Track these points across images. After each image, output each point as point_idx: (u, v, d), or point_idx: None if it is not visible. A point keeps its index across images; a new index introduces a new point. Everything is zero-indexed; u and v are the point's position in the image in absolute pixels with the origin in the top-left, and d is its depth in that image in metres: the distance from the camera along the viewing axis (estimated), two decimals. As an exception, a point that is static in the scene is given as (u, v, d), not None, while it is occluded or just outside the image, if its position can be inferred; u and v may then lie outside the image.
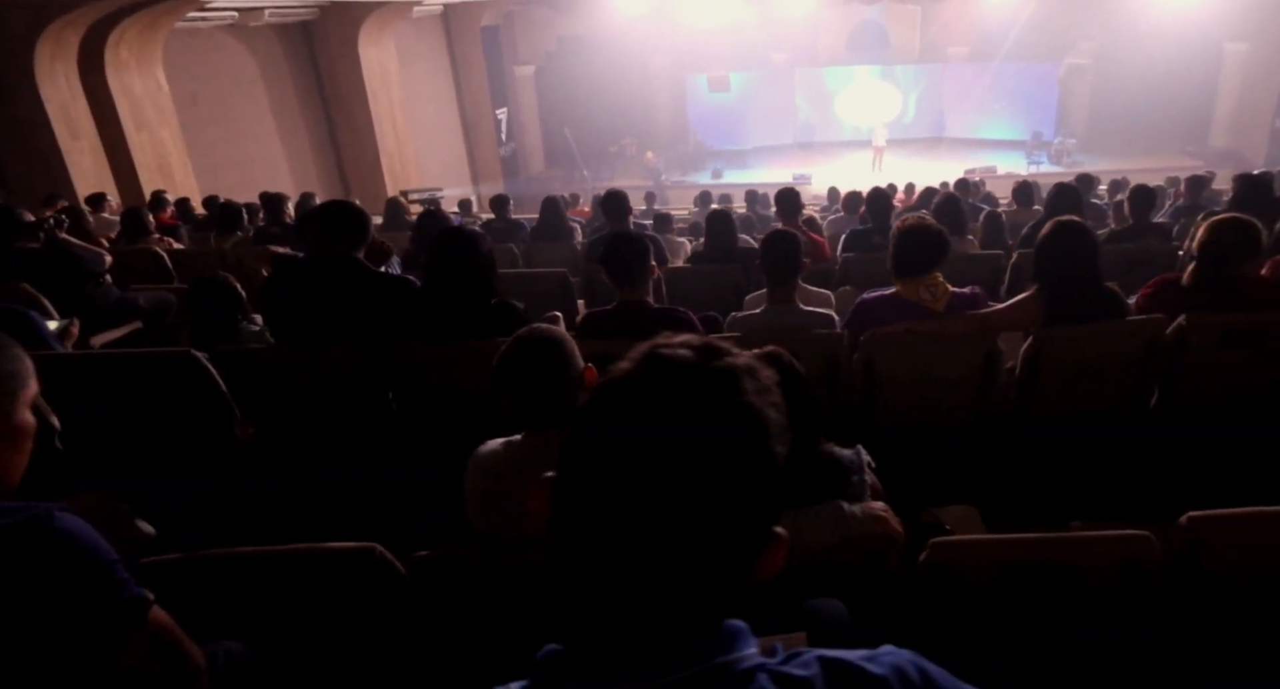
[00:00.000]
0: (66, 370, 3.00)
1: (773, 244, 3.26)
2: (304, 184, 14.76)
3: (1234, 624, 2.10)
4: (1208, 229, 3.33)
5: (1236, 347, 3.29)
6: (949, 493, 3.08)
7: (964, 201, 5.51)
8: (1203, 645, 2.05)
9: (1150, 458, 3.39)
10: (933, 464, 3.30)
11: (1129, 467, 3.36)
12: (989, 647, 2.01)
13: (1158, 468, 3.37)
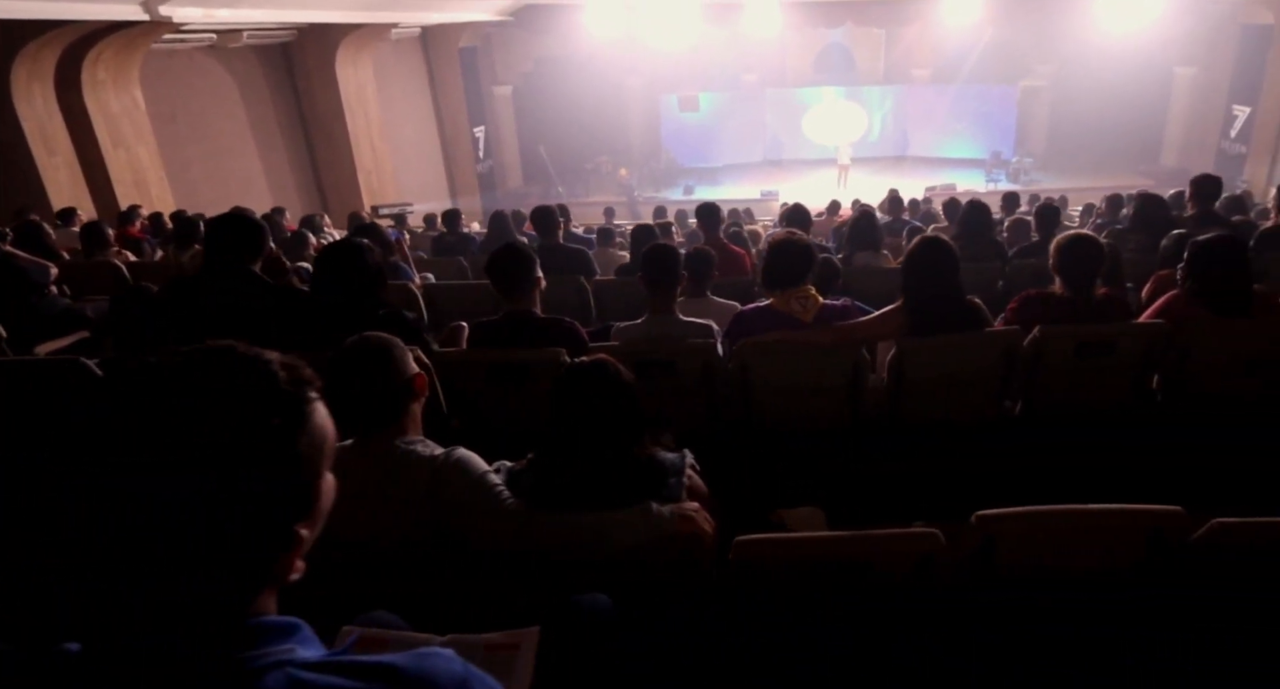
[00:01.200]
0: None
1: (649, 257, 3.34)
2: (283, 200, 14.81)
3: (1021, 617, 2.19)
4: (1057, 247, 3.45)
5: (1090, 357, 3.39)
6: (813, 494, 3.16)
7: (877, 218, 5.59)
8: (987, 637, 2.14)
9: (1009, 463, 3.50)
10: (805, 467, 3.40)
11: (988, 471, 3.47)
12: (787, 639, 2.09)
13: (1015, 472, 3.47)
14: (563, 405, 2.06)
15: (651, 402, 3.40)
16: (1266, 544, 2.09)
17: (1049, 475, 3.44)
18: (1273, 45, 18.35)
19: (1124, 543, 2.16)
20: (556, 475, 2.02)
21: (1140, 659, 2.13)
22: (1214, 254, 3.37)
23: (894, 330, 3.32)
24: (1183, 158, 20.95)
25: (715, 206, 5.80)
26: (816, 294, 3.35)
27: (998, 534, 2.13)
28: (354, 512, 1.93)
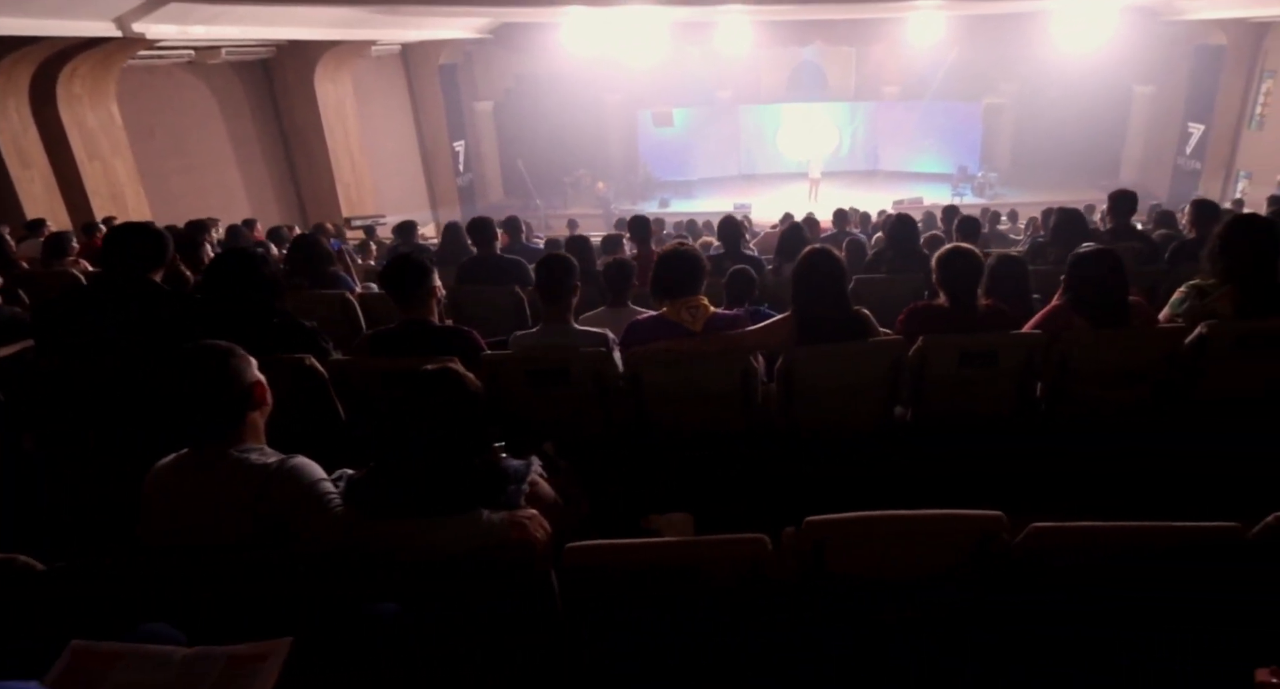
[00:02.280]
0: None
1: (540, 269, 3.35)
2: (263, 211, 14.79)
3: (851, 618, 2.20)
4: (936, 261, 3.47)
5: (973, 367, 3.41)
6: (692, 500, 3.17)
7: (805, 230, 5.61)
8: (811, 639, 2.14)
9: (897, 469, 3.51)
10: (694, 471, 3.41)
11: (877, 476, 3.48)
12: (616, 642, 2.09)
13: (902, 478, 3.49)
14: (403, 413, 2.06)
15: (546, 409, 3.43)
16: (1079, 547, 2.10)
17: (935, 481, 3.47)
18: (1225, 66, 18.52)
19: (950, 547, 2.16)
20: (392, 482, 2.01)
21: (962, 659, 2.14)
22: (1090, 267, 3.41)
23: (782, 339, 3.33)
24: (1141, 173, 21.12)
25: (646, 220, 5.84)
26: (707, 304, 3.36)
27: (826, 539, 2.13)
28: (183, 521, 1.93)
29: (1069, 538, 2.14)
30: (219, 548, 1.92)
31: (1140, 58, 19.68)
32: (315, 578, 1.82)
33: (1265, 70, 18.16)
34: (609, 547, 2.06)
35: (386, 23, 14.55)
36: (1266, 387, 3.47)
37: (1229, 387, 3.49)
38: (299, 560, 1.85)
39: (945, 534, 2.16)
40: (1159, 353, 3.39)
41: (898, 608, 2.19)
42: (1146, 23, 18.42)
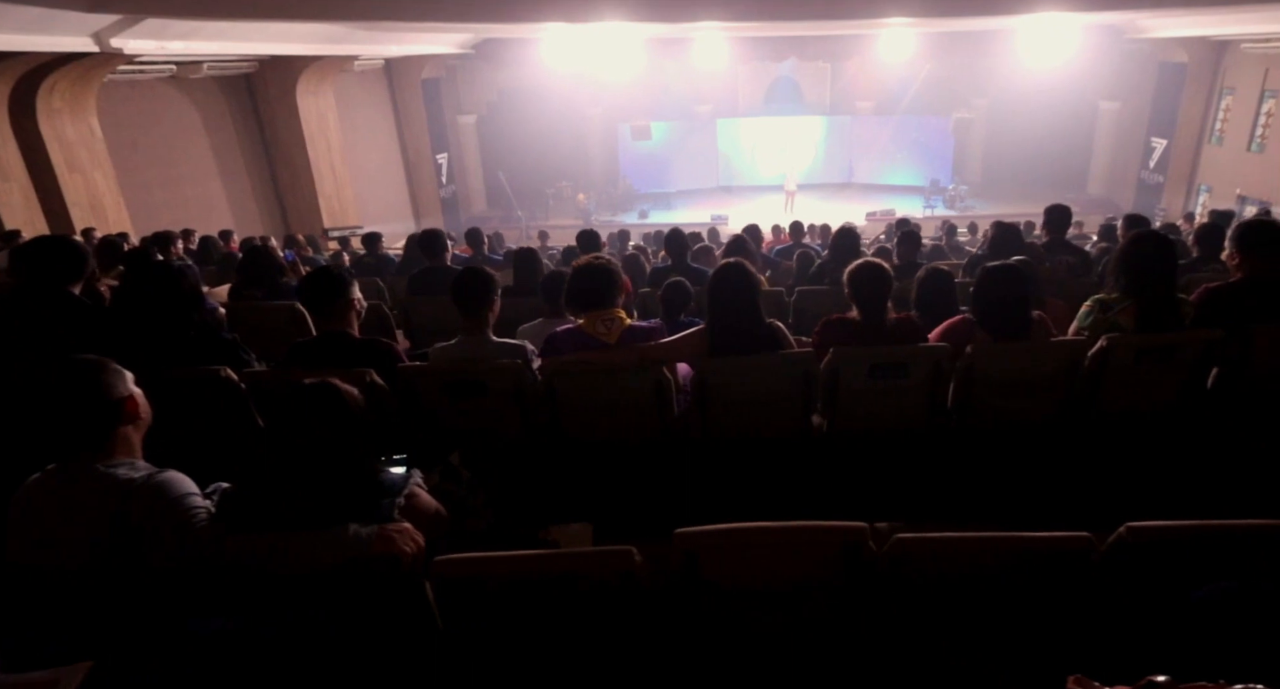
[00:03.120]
0: None
1: (455, 283, 3.35)
2: (245, 222, 14.80)
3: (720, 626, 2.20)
4: (847, 275, 3.49)
5: (882, 378, 3.43)
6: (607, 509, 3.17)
7: (749, 243, 5.63)
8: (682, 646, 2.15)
9: (812, 477, 3.53)
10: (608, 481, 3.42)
11: (790, 484, 3.49)
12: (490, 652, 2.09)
13: (818, 485, 3.51)
14: (278, 426, 2.06)
15: (464, 420, 3.43)
16: (940, 556, 2.11)
17: (849, 489, 3.49)
18: (1186, 83, 18.69)
19: (819, 556, 2.17)
20: (262, 495, 2.00)
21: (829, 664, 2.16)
22: (993, 281, 3.43)
23: (695, 351, 3.34)
24: (1107, 187, 21.28)
25: (594, 233, 5.84)
26: (624, 316, 3.37)
27: (698, 549, 2.13)
28: (45, 536, 1.92)
29: (930, 547, 2.16)
30: (60, 566, 1.90)
31: (1106, 74, 19.88)
32: (153, 595, 1.81)
33: (1225, 87, 18.33)
34: (476, 559, 2.05)
35: (367, 38, 14.56)
36: (1165, 397, 3.51)
37: (1132, 398, 3.52)
38: (134, 578, 1.83)
39: (812, 544, 2.17)
40: (1060, 365, 3.41)
41: (766, 616, 2.19)
42: (1111, 40, 18.59)
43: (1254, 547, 2.09)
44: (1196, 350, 3.40)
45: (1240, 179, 17.54)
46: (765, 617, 2.21)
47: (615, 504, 3.20)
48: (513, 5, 11.97)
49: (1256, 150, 17.35)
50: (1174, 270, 3.42)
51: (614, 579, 2.08)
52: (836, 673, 2.16)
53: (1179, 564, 2.12)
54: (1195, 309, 3.55)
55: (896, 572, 2.13)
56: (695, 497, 3.30)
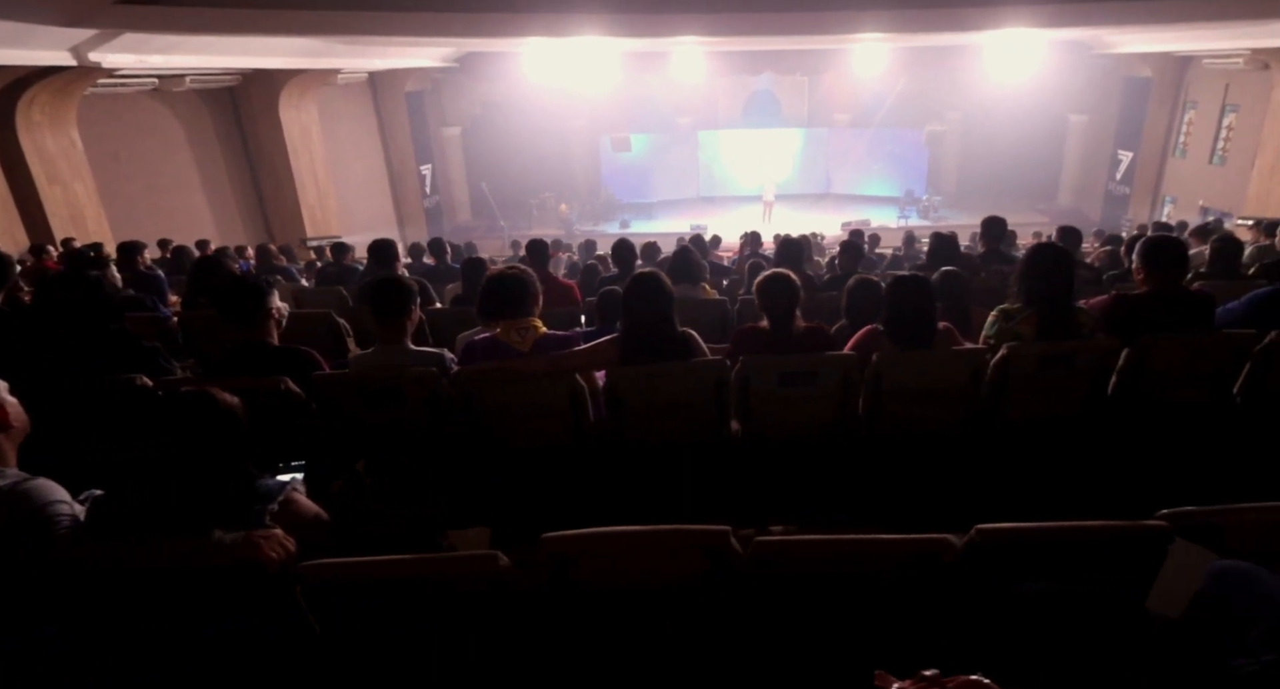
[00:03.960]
0: None
1: (370, 293, 3.37)
2: (228, 231, 14.79)
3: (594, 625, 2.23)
4: (755, 285, 3.52)
5: (792, 386, 3.46)
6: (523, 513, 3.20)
7: (695, 254, 5.67)
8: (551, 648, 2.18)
9: (726, 481, 3.56)
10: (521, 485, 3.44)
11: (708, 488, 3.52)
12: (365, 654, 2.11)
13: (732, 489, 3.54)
14: (150, 433, 2.07)
15: (382, 427, 3.44)
16: (802, 558, 2.15)
17: (762, 492, 3.52)
18: (1151, 97, 18.83)
19: (687, 558, 2.20)
20: (132, 502, 2.02)
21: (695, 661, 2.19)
22: (900, 292, 3.47)
23: (607, 359, 3.36)
24: (1077, 198, 21.42)
25: (544, 243, 5.87)
26: (539, 325, 3.40)
27: (566, 553, 2.16)
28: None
29: (792, 549, 2.19)
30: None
31: (1074, 88, 20.04)
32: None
33: (1188, 102, 18.49)
34: (345, 564, 2.08)
35: (349, 52, 14.59)
36: (1070, 405, 3.55)
37: (1037, 405, 3.56)
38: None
39: (678, 547, 2.20)
40: (964, 373, 3.45)
41: (636, 615, 2.22)
42: (1079, 55, 18.74)
43: (1092, 547, 2.13)
44: (1094, 359, 3.44)
45: (1203, 191, 17.68)
46: (635, 616, 2.24)
47: (524, 508, 3.24)
48: (492, 21, 11.99)
49: (1218, 163, 17.50)
50: (1071, 281, 3.47)
51: (480, 582, 2.10)
52: (702, 669, 2.19)
53: (1025, 564, 2.16)
54: (1101, 319, 3.60)
55: (759, 572, 2.17)
56: (608, 500, 3.32)
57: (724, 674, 2.16)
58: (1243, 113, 16.74)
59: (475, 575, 2.08)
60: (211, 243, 10.81)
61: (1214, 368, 3.44)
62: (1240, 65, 15.56)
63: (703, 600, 2.22)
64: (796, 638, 2.16)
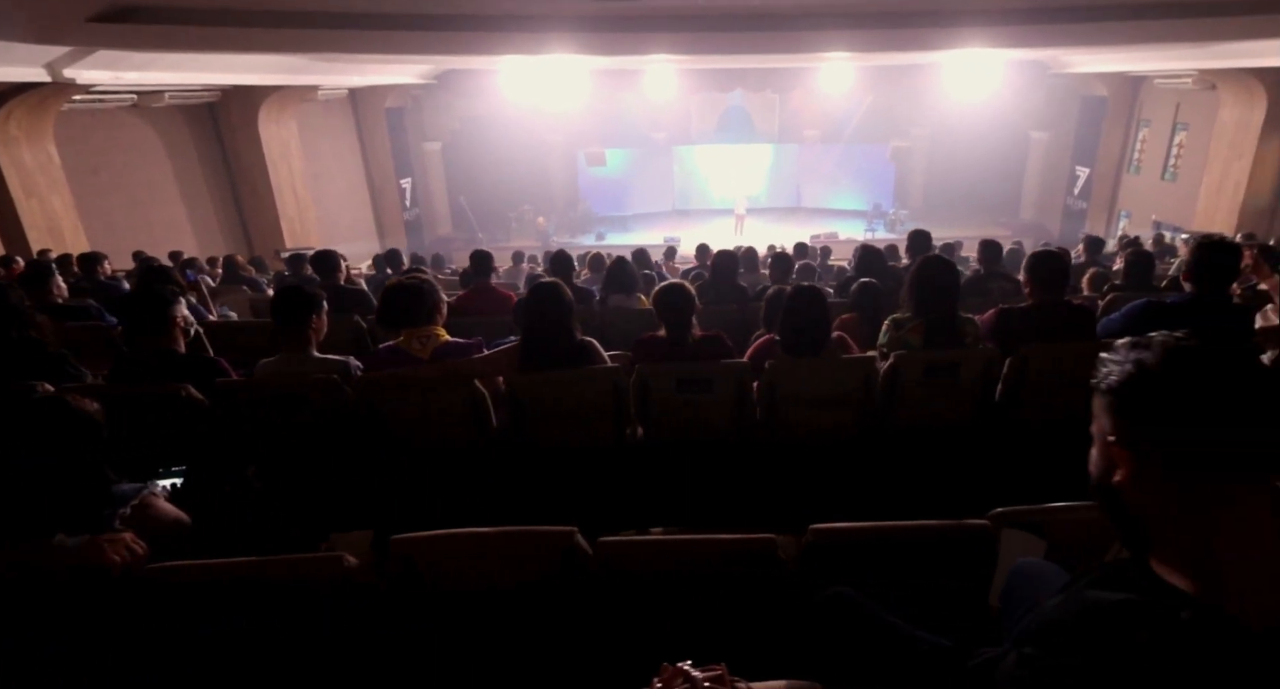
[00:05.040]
0: None
1: (275, 300, 3.38)
2: (208, 243, 14.74)
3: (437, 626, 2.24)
4: (652, 297, 3.56)
5: (689, 392, 3.48)
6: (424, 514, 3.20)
7: (631, 265, 5.70)
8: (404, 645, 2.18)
9: (627, 484, 3.58)
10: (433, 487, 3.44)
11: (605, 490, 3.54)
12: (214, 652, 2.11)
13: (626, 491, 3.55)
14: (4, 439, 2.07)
15: (287, 433, 3.44)
16: (646, 557, 2.17)
17: (660, 494, 3.54)
18: (1107, 115, 19.02)
19: (538, 557, 2.22)
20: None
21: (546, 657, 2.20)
22: (792, 303, 3.50)
23: (504, 366, 3.38)
24: (1038, 212, 21.58)
25: (488, 254, 5.89)
26: (440, 333, 3.42)
27: (414, 554, 2.17)
28: None
29: (636, 549, 2.22)
30: None
31: (1035, 106, 20.23)
32: None
33: (1141, 120, 18.69)
34: (195, 566, 2.08)
35: (328, 69, 14.59)
36: (959, 412, 3.58)
37: (926, 412, 3.60)
38: None
39: (528, 548, 2.21)
40: (856, 380, 3.48)
41: (489, 613, 2.23)
42: (1038, 75, 18.95)
43: (923, 545, 2.16)
44: (979, 368, 3.48)
45: (1156, 206, 17.86)
46: (488, 614, 2.25)
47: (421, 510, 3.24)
48: (467, 39, 12.01)
49: (1170, 179, 17.68)
50: (956, 291, 3.51)
51: (329, 582, 2.11)
52: (552, 664, 2.20)
53: (862, 562, 2.18)
54: (987, 328, 3.64)
55: (606, 571, 2.18)
56: (506, 502, 3.33)
57: (561, 672, 2.17)
58: (1192, 131, 16.94)
59: (321, 577, 2.09)
60: (185, 254, 10.75)
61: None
62: (1189, 85, 15.74)
63: (553, 599, 2.23)
64: (637, 636, 2.17)
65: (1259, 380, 0.99)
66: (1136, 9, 10.71)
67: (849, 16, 11.06)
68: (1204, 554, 0.98)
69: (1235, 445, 0.97)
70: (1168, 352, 1.01)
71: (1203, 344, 1.01)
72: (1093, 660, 0.94)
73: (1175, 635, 0.91)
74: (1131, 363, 1.03)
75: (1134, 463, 1.02)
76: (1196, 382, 0.99)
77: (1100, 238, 7.71)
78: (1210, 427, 0.97)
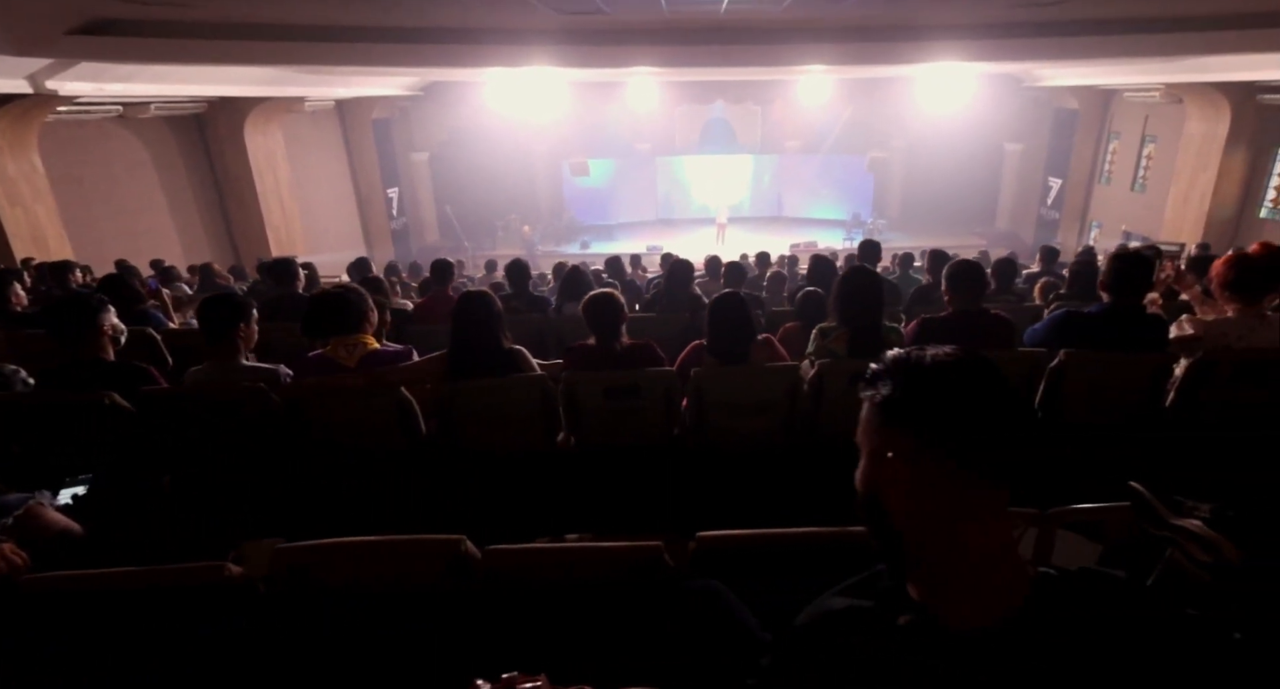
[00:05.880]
0: None
1: (200, 309, 3.34)
2: (195, 251, 14.67)
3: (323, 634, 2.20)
4: (582, 305, 3.54)
5: (617, 399, 3.46)
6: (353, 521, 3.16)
7: (586, 274, 5.68)
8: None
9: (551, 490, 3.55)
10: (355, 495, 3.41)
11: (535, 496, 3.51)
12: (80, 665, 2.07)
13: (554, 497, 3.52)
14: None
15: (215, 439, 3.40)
16: (530, 564, 2.14)
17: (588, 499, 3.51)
18: (1078, 127, 19.09)
19: (426, 565, 2.18)
20: None
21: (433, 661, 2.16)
22: (713, 309, 3.48)
23: (433, 374, 3.36)
24: (1012, 222, 21.63)
25: (448, 263, 5.87)
26: (368, 341, 3.39)
27: (304, 562, 2.14)
28: None
29: (524, 557, 2.19)
30: None
31: (1009, 118, 20.31)
32: None
33: (1112, 133, 18.76)
34: (69, 577, 2.04)
35: (313, 81, 14.56)
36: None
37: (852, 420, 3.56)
38: None
39: (417, 556, 2.18)
40: (780, 388, 3.46)
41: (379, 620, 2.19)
42: (1012, 88, 19.03)
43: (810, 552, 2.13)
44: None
45: (1126, 216, 17.91)
46: (372, 622, 2.21)
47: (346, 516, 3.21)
48: (446, 51, 11.99)
49: (1139, 190, 17.74)
50: (880, 301, 3.50)
51: (203, 589, 2.08)
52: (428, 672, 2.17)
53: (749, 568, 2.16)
54: (911, 338, 3.62)
55: (494, 578, 2.16)
56: (431, 508, 3.30)
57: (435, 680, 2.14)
58: (1160, 143, 17.01)
59: (202, 585, 2.06)
60: (165, 262, 10.70)
61: (1013, 385, 3.46)
62: (1157, 99, 15.82)
63: (438, 607, 2.20)
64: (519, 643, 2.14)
65: (1008, 395, 0.98)
66: (1103, 24, 10.76)
67: (823, 30, 11.09)
68: (938, 561, 0.99)
69: (985, 459, 0.96)
70: (921, 366, 1.00)
71: (962, 357, 1.00)
72: (812, 665, 0.96)
73: (885, 639, 0.95)
74: (899, 375, 1.02)
75: (895, 474, 1.00)
76: (954, 395, 0.98)
77: (1055, 248, 7.72)
78: (965, 439, 0.96)
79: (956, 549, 0.97)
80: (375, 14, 9.38)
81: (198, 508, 2.80)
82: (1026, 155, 21.06)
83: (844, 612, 1.01)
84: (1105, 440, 3.33)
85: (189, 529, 2.70)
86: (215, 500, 2.93)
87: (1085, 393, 3.43)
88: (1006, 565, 0.99)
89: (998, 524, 0.99)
